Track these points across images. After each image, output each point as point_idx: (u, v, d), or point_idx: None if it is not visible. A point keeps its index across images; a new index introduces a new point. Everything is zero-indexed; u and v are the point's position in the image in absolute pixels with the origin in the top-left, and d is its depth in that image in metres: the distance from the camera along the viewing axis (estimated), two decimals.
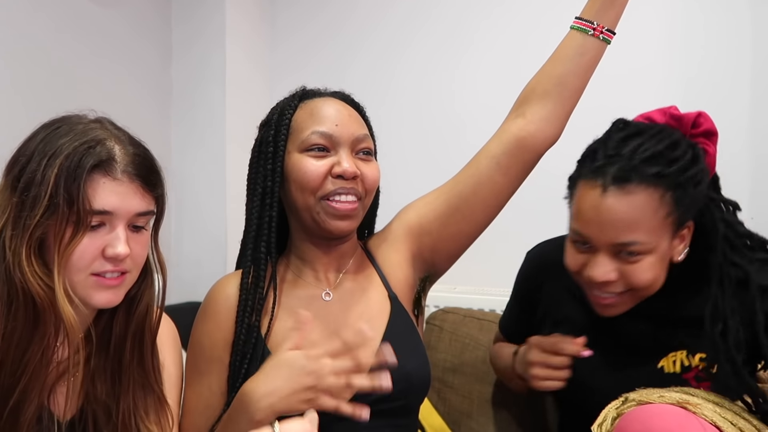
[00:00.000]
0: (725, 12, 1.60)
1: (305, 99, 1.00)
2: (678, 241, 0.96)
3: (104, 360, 0.82)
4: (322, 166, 0.93)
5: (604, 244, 0.92)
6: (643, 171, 0.90)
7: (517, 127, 1.00)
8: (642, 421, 0.78)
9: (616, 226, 0.91)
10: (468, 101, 1.87)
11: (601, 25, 0.99)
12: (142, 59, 1.95)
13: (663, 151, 0.92)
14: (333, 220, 0.94)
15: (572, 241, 0.99)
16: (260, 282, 0.96)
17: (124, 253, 0.75)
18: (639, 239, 0.90)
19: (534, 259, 1.18)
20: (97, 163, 0.73)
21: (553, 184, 1.85)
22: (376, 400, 0.89)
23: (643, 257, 0.92)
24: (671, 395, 0.85)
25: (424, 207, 1.04)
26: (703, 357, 0.97)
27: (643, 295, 0.96)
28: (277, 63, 2.17)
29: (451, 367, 1.47)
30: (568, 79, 0.99)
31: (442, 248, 1.03)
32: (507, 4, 1.84)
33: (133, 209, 0.76)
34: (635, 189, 0.90)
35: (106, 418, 0.81)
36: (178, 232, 2.08)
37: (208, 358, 0.96)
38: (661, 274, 0.95)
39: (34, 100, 1.59)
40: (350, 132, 0.95)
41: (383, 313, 0.97)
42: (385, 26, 1.99)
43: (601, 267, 0.93)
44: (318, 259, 1.00)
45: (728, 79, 1.59)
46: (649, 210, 0.90)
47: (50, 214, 0.71)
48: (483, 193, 1.00)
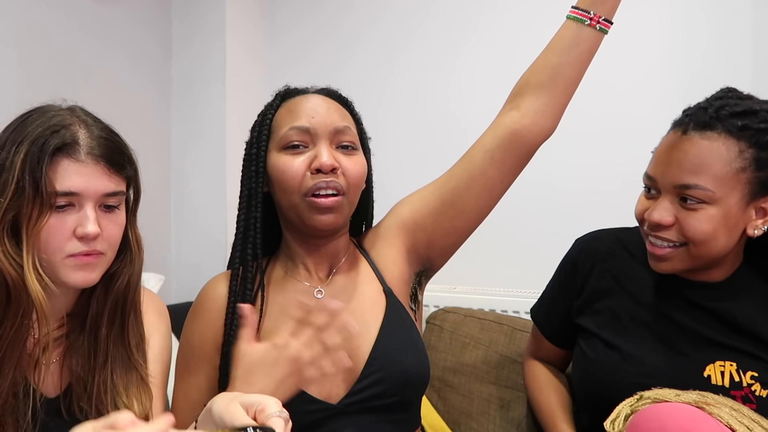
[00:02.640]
0: (726, 14, 1.59)
1: (288, 98, 0.99)
2: (756, 212, 0.91)
3: (80, 335, 0.84)
4: (300, 163, 0.92)
5: (668, 185, 0.91)
6: (728, 122, 0.87)
7: (511, 119, 0.98)
8: (657, 419, 0.76)
9: (682, 166, 0.89)
10: (466, 97, 1.86)
11: (598, 15, 0.95)
12: (142, 54, 1.95)
13: (759, 111, 0.89)
14: (316, 215, 0.92)
15: (644, 189, 0.98)
16: (248, 284, 0.95)
17: (93, 232, 0.77)
18: (702, 184, 0.87)
19: (586, 244, 1.12)
20: (60, 146, 0.76)
21: (554, 184, 1.85)
22: (371, 396, 0.90)
23: (703, 207, 0.88)
24: (688, 395, 0.84)
25: (417, 202, 1.03)
26: (755, 375, 0.91)
27: (699, 254, 0.92)
28: (276, 58, 2.16)
29: (451, 366, 1.47)
30: (564, 71, 0.96)
31: (436, 243, 1.02)
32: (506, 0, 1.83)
33: (100, 190, 0.79)
34: (715, 137, 0.88)
35: (82, 393, 0.83)
36: (178, 233, 2.08)
37: (197, 357, 0.96)
38: (721, 235, 0.90)
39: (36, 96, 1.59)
40: (327, 123, 0.93)
41: (378, 308, 0.96)
42: (385, 20, 1.99)
43: (659, 208, 0.91)
44: (309, 256, 0.99)
45: (729, 81, 1.59)
46: (722, 158, 0.87)
47: (18, 197, 0.74)
48: (476, 187, 0.99)
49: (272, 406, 0.65)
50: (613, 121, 1.67)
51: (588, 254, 1.10)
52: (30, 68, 1.58)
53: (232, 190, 1.98)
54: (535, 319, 1.21)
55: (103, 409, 0.82)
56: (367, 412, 0.90)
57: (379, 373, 0.90)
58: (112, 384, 0.84)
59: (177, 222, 2.08)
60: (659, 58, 1.65)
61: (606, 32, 0.97)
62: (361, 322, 0.93)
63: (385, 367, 0.90)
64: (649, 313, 0.99)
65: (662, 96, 1.63)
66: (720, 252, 0.92)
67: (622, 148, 1.65)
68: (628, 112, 1.66)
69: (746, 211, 0.90)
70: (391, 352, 0.92)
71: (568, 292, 1.11)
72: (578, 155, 1.68)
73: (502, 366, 1.42)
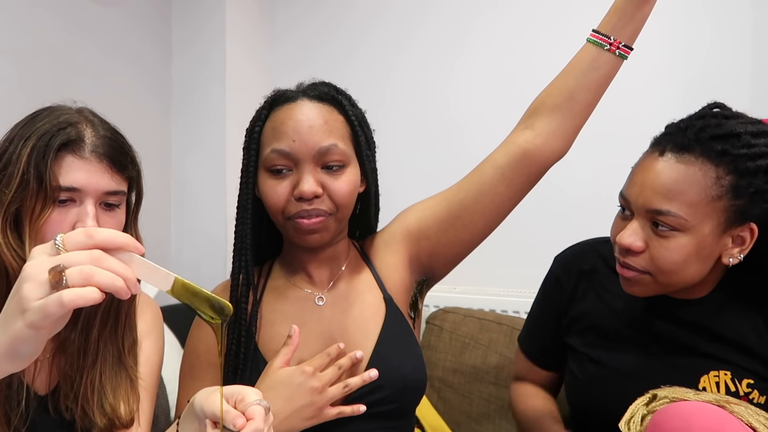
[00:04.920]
0: (727, 15, 1.60)
1: (276, 106, 0.95)
2: (732, 240, 0.86)
3: (71, 333, 0.84)
4: (282, 189, 0.91)
5: (640, 209, 0.87)
6: (708, 145, 0.83)
7: (524, 139, 0.97)
8: (681, 417, 0.74)
9: (656, 191, 0.84)
10: (465, 100, 1.87)
11: (618, 40, 0.94)
12: (142, 57, 1.95)
13: (743, 134, 0.83)
14: (303, 236, 0.92)
15: (619, 209, 0.95)
16: (243, 297, 0.96)
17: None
18: (674, 210, 0.83)
19: (568, 262, 1.09)
20: (66, 142, 0.78)
21: (555, 184, 1.86)
22: (371, 403, 0.90)
23: (675, 234, 0.84)
24: (706, 395, 0.82)
25: (424, 211, 1.02)
26: (750, 383, 0.89)
27: (668, 283, 0.88)
28: (276, 60, 2.17)
29: (451, 367, 1.47)
30: (580, 94, 0.95)
31: (440, 254, 1.01)
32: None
33: (102, 188, 0.80)
34: (692, 161, 0.83)
35: (69, 391, 0.84)
36: (178, 233, 2.08)
37: (203, 365, 0.96)
38: (692, 265, 0.86)
39: (36, 98, 1.59)
40: (311, 146, 0.89)
41: (378, 315, 0.96)
42: (385, 22, 2.00)
43: (630, 231, 0.88)
44: (309, 263, 0.99)
45: (729, 83, 1.59)
46: (698, 184, 0.82)
47: (22, 190, 0.76)
48: (484, 202, 0.98)
49: (252, 395, 0.67)
50: (613, 121, 1.67)
51: (571, 272, 1.07)
52: (29, 71, 1.58)
53: (232, 190, 1.98)
54: (522, 344, 1.18)
55: (88, 409, 0.83)
56: (365, 419, 0.90)
57: (378, 380, 0.90)
58: (100, 384, 0.84)
59: (177, 223, 2.08)
60: (660, 58, 1.65)
61: (625, 58, 0.96)
62: (361, 329, 0.94)
63: (384, 375, 0.90)
64: (636, 330, 0.96)
65: (663, 98, 1.64)
66: (690, 281, 0.88)
67: (622, 148, 1.64)
68: (627, 111, 1.66)
69: (721, 239, 0.86)
70: (390, 360, 0.92)
71: (554, 308, 1.09)
72: (579, 156, 1.68)
73: (502, 366, 1.43)
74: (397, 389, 0.91)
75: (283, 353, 0.88)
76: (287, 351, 0.88)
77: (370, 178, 0.99)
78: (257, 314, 0.97)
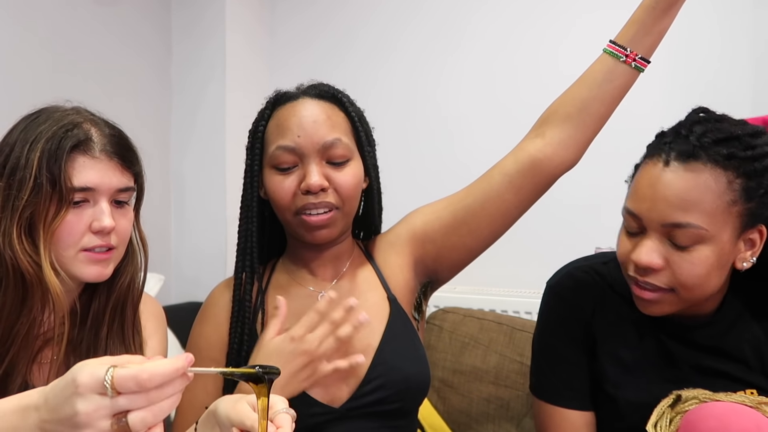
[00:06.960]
0: (727, 16, 1.60)
1: (278, 105, 0.96)
2: (745, 244, 0.84)
3: (81, 333, 0.85)
4: (289, 183, 0.92)
5: (654, 224, 0.82)
6: (713, 150, 0.80)
7: (534, 147, 0.96)
8: (717, 417, 0.72)
9: (670, 203, 0.80)
10: (462, 96, 1.87)
11: (635, 52, 0.93)
12: (142, 46, 1.94)
13: (741, 136, 0.82)
14: (310, 232, 0.93)
15: (625, 225, 0.89)
16: (247, 295, 0.97)
17: (110, 225, 0.79)
18: (694, 222, 0.79)
19: (570, 287, 0.98)
20: (76, 143, 0.78)
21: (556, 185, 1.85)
22: (374, 402, 0.90)
23: (696, 247, 0.81)
24: (736, 396, 0.80)
25: (431, 214, 1.02)
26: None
27: (690, 298, 0.84)
28: (276, 48, 2.17)
29: (451, 367, 1.47)
30: (593, 105, 0.94)
31: (444, 258, 1.01)
32: None
33: (114, 185, 0.81)
34: (701, 168, 0.80)
35: None
36: (178, 233, 2.08)
37: (204, 360, 0.97)
38: (714, 276, 0.83)
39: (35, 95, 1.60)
40: (315, 141, 0.91)
41: (382, 314, 0.97)
42: (384, 10, 2.00)
43: (646, 249, 0.83)
44: (312, 261, 1.00)
45: (729, 83, 1.59)
46: (712, 192, 0.79)
47: (36, 194, 0.76)
48: (491, 209, 0.97)
49: (279, 403, 0.68)
50: (613, 123, 1.67)
51: (579, 307, 0.97)
52: (29, 70, 1.58)
53: (232, 189, 1.98)
54: (542, 394, 0.99)
55: None
56: (367, 418, 0.90)
57: (381, 379, 0.90)
58: None
59: (177, 223, 2.08)
60: (660, 59, 1.65)
61: (642, 71, 0.94)
62: (365, 328, 0.93)
63: (386, 374, 0.91)
64: (651, 355, 0.92)
65: (664, 99, 1.64)
66: (711, 293, 0.85)
67: (623, 149, 1.64)
68: (628, 112, 1.66)
69: (737, 245, 0.83)
70: (393, 359, 0.92)
71: (572, 339, 0.97)
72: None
73: (502, 366, 1.43)
74: (399, 389, 0.91)
75: (273, 325, 0.89)
76: (276, 322, 0.89)
77: (372, 174, 1.00)
78: (261, 311, 0.97)
